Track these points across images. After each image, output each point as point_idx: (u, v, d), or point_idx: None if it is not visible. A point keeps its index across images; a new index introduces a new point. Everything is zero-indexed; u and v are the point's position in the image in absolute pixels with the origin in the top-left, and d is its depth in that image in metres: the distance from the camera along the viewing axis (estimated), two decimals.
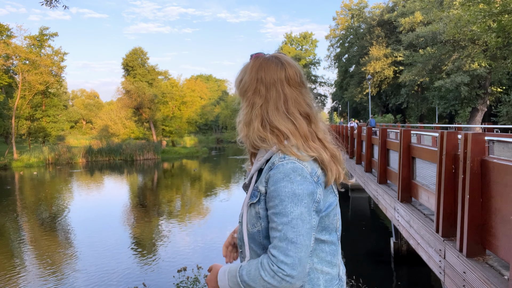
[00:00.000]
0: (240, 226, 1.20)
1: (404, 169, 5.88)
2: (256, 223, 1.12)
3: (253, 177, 1.17)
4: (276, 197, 1.05)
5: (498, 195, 3.08)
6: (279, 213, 1.03)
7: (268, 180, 1.08)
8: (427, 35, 27.94)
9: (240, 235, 1.22)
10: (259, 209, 1.11)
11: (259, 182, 1.12)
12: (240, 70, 1.23)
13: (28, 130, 34.84)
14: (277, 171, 1.06)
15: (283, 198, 1.03)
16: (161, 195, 16.90)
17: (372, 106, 44.82)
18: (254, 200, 1.12)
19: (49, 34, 34.49)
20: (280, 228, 1.03)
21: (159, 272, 7.42)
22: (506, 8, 16.67)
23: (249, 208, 1.14)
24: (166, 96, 42.20)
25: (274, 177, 1.06)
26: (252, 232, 1.14)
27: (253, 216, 1.13)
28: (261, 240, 1.12)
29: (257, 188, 1.12)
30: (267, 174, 1.09)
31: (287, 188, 1.04)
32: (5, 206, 14.39)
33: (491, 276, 2.92)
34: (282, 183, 1.04)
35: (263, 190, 1.10)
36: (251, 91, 1.18)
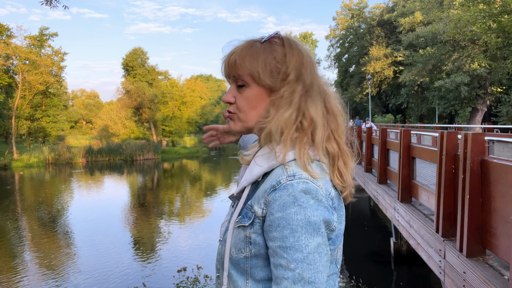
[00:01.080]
0: (221, 246, 0.99)
1: (404, 169, 5.88)
2: (244, 249, 0.91)
3: (245, 190, 0.95)
4: (285, 226, 0.83)
5: (498, 195, 3.09)
6: (291, 247, 0.82)
7: (270, 203, 0.86)
8: (427, 35, 27.94)
9: (219, 256, 1.00)
10: (251, 233, 0.89)
11: (254, 200, 0.91)
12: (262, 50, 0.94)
13: (28, 130, 34.83)
14: (285, 193, 0.84)
15: (295, 228, 0.82)
16: (161, 195, 16.90)
17: (372, 106, 44.82)
18: (246, 222, 0.90)
19: (49, 34, 34.49)
20: (293, 267, 0.82)
21: (159, 272, 7.42)
22: (506, 9, 16.67)
23: (236, 230, 0.92)
24: (166, 96, 42.20)
25: (281, 201, 0.84)
26: (237, 258, 0.92)
27: (241, 240, 0.91)
28: (247, 268, 0.91)
29: (251, 208, 0.90)
30: (268, 196, 0.87)
31: (300, 215, 0.82)
32: (5, 206, 14.39)
33: (491, 276, 2.92)
34: (292, 209, 0.83)
35: (260, 212, 0.88)
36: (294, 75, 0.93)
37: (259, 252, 0.90)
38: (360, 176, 10.14)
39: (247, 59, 0.94)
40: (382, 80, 40.74)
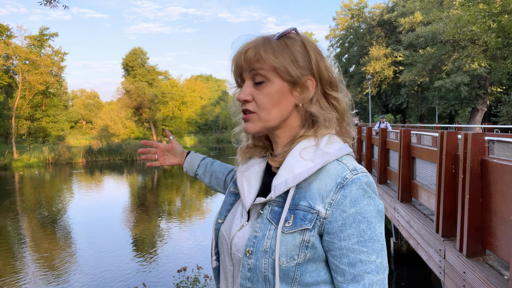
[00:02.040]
0: (255, 260, 0.87)
1: (404, 169, 5.88)
2: (298, 255, 0.84)
3: (290, 192, 0.87)
4: (361, 221, 0.82)
5: (498, 195, 3.09)
6: (370, 239, 0.82)
7: (340, 201, 0.83)
8: (427, 35, 27.94)
9: (253, 273, 0.87)
10: (311, 236, 0.84)
11: (312, 200, 0.85)
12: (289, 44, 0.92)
13: (28, 130, 34.86)
14: (354, 187, 0.83)
15: (370, 220, 0.83)
16: (161, 195, 16.91)
17: (372, 106, 44.82)
18: (308, 225, 0.84)
19: (49, 34, 34.51)
20: (375, 258, 0.82)
21: (159, 272, 7.42)
22: (506, 8, 16.67)
23: (290, 235, 0.85)
24: (166, 96, 42.25)
25: (352, 196, 0.83)
26: (287, 267, 0.84)
27: (296, 245, 0.84)
28: (296, 276, 0.85)
29: (312, 208, 0.84)
30: (335, 194, 0.83)
31: (371, 206, 0.84)
32: (5, 206, 14.39)
33: (491, 276, 2.92)
34: (364, 201, 0.83)
35: (324, 212, 0.83)
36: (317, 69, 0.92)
37: (313, 256, 0.85)
38: None
39: (271, 52, 0.90)
40: (382, 80, 40.75)
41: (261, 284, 0.86)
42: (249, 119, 0.93)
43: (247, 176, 1.00)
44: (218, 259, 1.04)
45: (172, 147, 1.42)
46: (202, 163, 1.41)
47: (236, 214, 0.98)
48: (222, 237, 1.00)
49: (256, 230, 0.89)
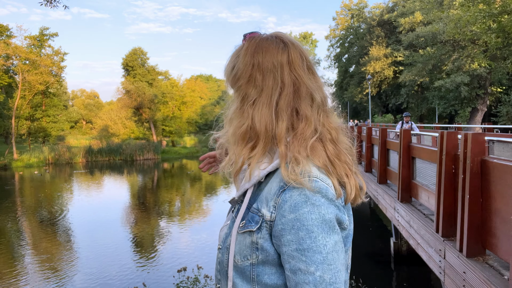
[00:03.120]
0: (221, 254, 0.93)
1: (404, 169, 5.88)
2: (250, 255, 0.86)
3: (247, 193, 0.90)
4: (300, 228, 0.79)
5: (498, 195, 3.09)
6: (309, 249, 0.78)
7: (281, 205, 0.81)
8: (427, 35, 27.94)
9: (219, 266, 0.94)
10: (258, 238, 0.84)
11: (260, 202, 0.86)
12: (232, 54, 0.96)
13: (28, 130, 34.85)
14: (295, 192, 0.80)
15: (310, 229, 0.78)
16: (161, 195, 16.91)
17: (372, 106, 44.82)
18: (254, 227, 0.85)
19: (49, 34, 34.51)
20: (313, 270, 0.78)
21: (159, 272, 7.42)
22: (506, 9, 16.67)
23: (241, 236, 0.87)
24: (166, 96, 42.22)
25: (292, 201, 0.80)
26: (242, 266, 0.87)
27: (247, 246, 0.86)
28: (253, 276, 0.86)
29: (259, 211, 0.85)
30: (278, 197, 0.82)
31: (314, 214, 0.79)
32: (6, 206, 14.39)
33: (491, 276, 2.92)
34: (305, 209, 0.79)
35: (269, 216, 0.83)
36: (244, 79, 0.91)
37: (266, 259, 0.85)
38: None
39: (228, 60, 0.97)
40: (382, 80, 40.75)
41: (224, 277, 0.92)
42: None
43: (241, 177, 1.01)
44: None
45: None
46: None
47: (229, 214, 1.03)
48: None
49: (226, 227, 0.96)
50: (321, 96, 0.92)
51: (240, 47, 0.95)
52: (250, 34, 0.95)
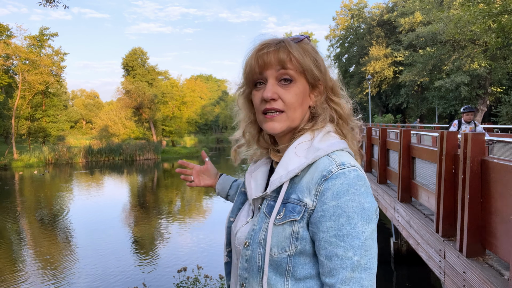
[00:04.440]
0: (251, 251, 0.92)
1: (404, 169, 5.88)
2: (289, 246, 0.87)
3: (284, 186, 0.91)
4: (340, 215, 0.83)
5: (498, 195, 3.09)
6: (348, 235, 0.82)
7: (323, 193, 0.85)
8: (427, 35, 27.94)
9: (249, 264, 0.92)
10: (299, 228, 0.87)
11: (301, 193, 0.88)
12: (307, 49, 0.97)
13: (28, 130, 34.85)
14: (338, 181, 0.84)
15: (351, 215, 0.83)
16: (161, 195, 16.91)
17: (372, 106, 44.83)
18: (296, 216, 0.87)
19: (49, 34, 34.51)
20: (351, 255, 0.82)
21: (159, 272, 7.42)
22: (506, 8, 16.66)
23: (279, 228, 0.88)
24: (166, 96, 42.23)
25: (335, 189, 0.84)
26: (279, 259, 0.88)
27: (286, 237, 0.88)
28: (289, 268, 0.88)
29: (300, 201, 0.88)
30: (319, 186, 0.86)
31: (354, 202, 0.84)
32: (6, 206, 14.39)
33: (491, 276, 2.92)
34: (347, 197, 0.83)
35: (311, 204, 0.86)
36: (326, 73, 1.00)
37: (303, 248, 0.88)
38: None
39: (301, 55, 0.94)
40: (382, 80, 40.74)
41: (255, 274, 0.90)
42: (274, 118, 0.94)
43: (255, 176, 1.05)
44: (229, 256, 1.10)
45: (207, 169, 1.47)
46: (234, 184, 1.46)
47: (243, 212, 1.04)
48: (232, 233, 1.06)
49: (255, 224, 0.94)
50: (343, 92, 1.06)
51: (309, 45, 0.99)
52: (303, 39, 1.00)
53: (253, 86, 0.99)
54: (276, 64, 0.93)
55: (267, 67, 0.94)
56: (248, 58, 0.97)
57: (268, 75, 0.94)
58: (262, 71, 0.94)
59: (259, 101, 0.96)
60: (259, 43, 0.96)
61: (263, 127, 0.97)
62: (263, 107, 0.94)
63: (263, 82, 0.96)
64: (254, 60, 0.95)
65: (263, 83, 0.96)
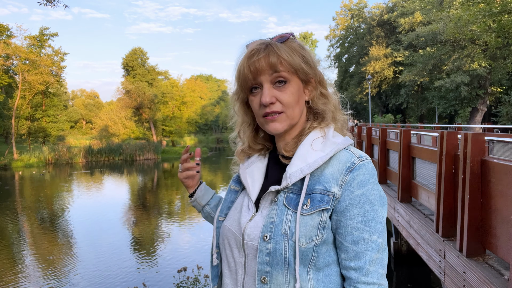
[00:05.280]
0: (275, 243, 0.91)
1: (404, 169, 5.88)
2: (316, 236, 0.91)
3: (307, 178, 0.94)
4: (365, 202, 0.91)
5: (498, 195, 3.09)
6: (372, 220, 0.90)
7: (349, 182, 0.92)
8: (427, 35, 27.93)
9: (272, 257, 0.91)
10: (327, 217, 0.92)
11: (327, 183, 0.93)
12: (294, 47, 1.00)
13: (28, 130, 34.84)
14: (361, 172, 0.93)
15: (373, 203, 0.91)
16: (161, 195, 16.91)
17: (372, 106, 44.83)
18: (327, 205, 0.91)
19: (49, 34, 34.49)
20: (376, 238, 0.90)
21: (159, 272, 7.42)
22: (506, 8, 16.66)
23: (307, 218, 0.91)
24: (166, 96, 42.22)
25: (359, 180, 0.92)
26: (306, 248, 0.90)
27: (314, 226, 0.91)
28: (314, 257, 0.91)
29: (327, 191, 0.92)
30: (345, 176, 0.92)
31: (375, 190, 0.93)
32: (5, 206, 14.39)
33: (491, 276, 2.92)
34: (369, 185, 0.92)
35: (339, 194, 0.92)
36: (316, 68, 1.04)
37: (327, 237, 0.93)
38: None
39: (289, 55, 0.97)
40: (382, 80, 40.73)
41: (280, 266, 0.90)
42: (276, 120, 0.98)
43: (250, 172, 1.07)
44: (219, 258, 1.07)
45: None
46: (216, 196, 1.36)
47: (242, 208, 1.03)
48: (227, 233, 1.03)
49: (273, 217, 0.94)
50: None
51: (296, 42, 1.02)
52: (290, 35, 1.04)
53: (248, 91, 1.02)
54: (268, 69, 0.96)
55: (260, 73, 0.97)
56: (239, 66, 1.01)
57: (263, 80, 0.98)
58: (256, 77, 0.98)
59: (258, 106, 0.99)
60: (248, 50, 1.00)
61: (265, 129, 1.01)
62: (263, 112, 0.98)
63: (259, 87, 0.99)
64: (246, 69, 0.98)
65: (258, 88, 0.99)
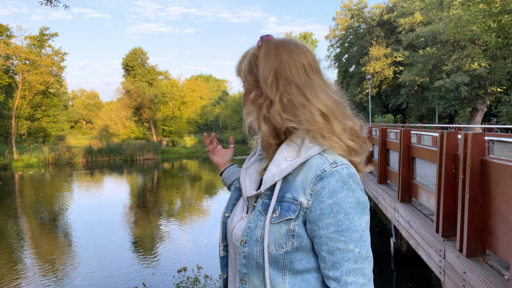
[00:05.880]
0: (249, 248, 0.94)
1: (404, 169, 5.88)
2: (286, 243, 0.91)
3: (277, 185, 0.94)
4: (338, 211, 0.86)
5: (498, 195, 3.09)
6: (347, 229, 0.87)
7: (319, 192, 0.88)
8: (427, 35, 27.93)
9: (247, 260, 0.95)
10: (295, 226, 0.90)
11: (296, 192, 0.91)
12: (249, 55, 1.01)
13: (28, 130, 34.84)
14: (332, 179, 0.88)
15: (348, 211, 0.87)
16: (161, 195, 16.90)
17: (372, 106, 44.82)
18: (292, 215, 0.90)
19: (49, 34, 34.49)
20: (352, 247, 0.86)
21: (159, 272, 7.42)
22: (506, 8, 16.66)
23: (275, 226, 0.91)
24: (166, 96, 42.22)
25: (330, 187, 0.87)
26: (276, 255, 0.91)
27: (282, 235, 0.91)
28: (286, 263, 0.92)
29: (295, 200, 0.91)
30: (315, 185, 0.89)
31: (350, 197, 0.88)
32: (5, 206, 14.39)
33: (491, 276, 2.92)
34: (342, 193, 0.87)
35: (306, 203, 0.89)
36: (271, 77, 0.95)
37: (300, 245, 0.91)
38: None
39: (241, 63, 1.03)
40: (382, 80, 40.73)
41: (254, 269, 0.94)
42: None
43: (249, 172, 1.09)
44: (226, 250, 1.13)
45: (227, 152, 1.50)
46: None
47: (238, 207, 1.07)
48: (228, 229, 1.09)
49: (250, 221, 0.97)
50: (336, 92, 1.02)
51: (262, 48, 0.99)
52: (267, 37, 1.01)
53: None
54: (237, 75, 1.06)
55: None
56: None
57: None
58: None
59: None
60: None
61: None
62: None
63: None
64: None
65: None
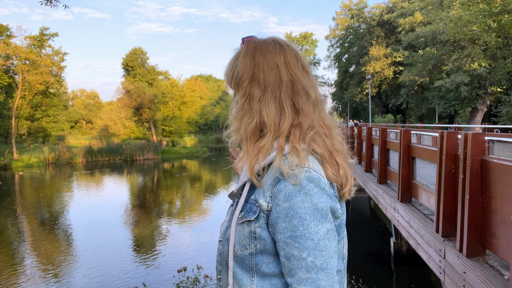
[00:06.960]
0: (222, 246, 0.98)
1: (404, 169, 5.88)
2: (249, 245, 0.90)
3: (246, 186, 0.94)
4: (293, 216, 0.83)
5: (498, 195, 3.09)
6: (301, 236, 0.82)
7: (276, 195, 0.86)
8: (427, 35, 27.94)
9: (220, 257, 0.99)
10: (256, 228, 0.89)
11: (258, 194, 0.91)
12: (232, 57, 1.01)
13: (28, 130, 34.83)
14: (290, 182, 0.84)
15: (303, 217, 0.83)
16: (161, 195, 16.90)
17: (372, 106, 44.82)
18: (251, 216, 0.89)
19: (49, 34, 34.48)
20: (305, 255, 0.82)
21: (159, 272, 7.42)
22: (506, 8, 16.66)
23: (240, 226, 0.92)
24: (166, 96, 42.20)
25: (286, 191, 0.84)
26: (241, 255, 0.91)
27: (246, 236, 0.90)
28: (252, 265, 0.91)
29: (256, 201, 0.90)
30: (273, 188, 0.87)
31: (306, 203, 0.83)
32: (5, 206, 14.39)
33: (491, 276, 2.92)
34: (298, 198, 0.83)
35: (266, 206, 0.88)
36: (248, 79, 0.95)
37: (264, 248, 0.89)
38: (360, 176, 10.14)
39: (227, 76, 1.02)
40: (382, 80, 40.74)
41: (225, 268, 0.96)
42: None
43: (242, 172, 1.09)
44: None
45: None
46: None
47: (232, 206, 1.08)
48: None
49: (227, 220, 1.01)
50: (316, 94, 0.99)
51: (239, 50, 1.00)
52: (248, 38, 1.01)
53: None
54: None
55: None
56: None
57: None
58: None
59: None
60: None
61: None
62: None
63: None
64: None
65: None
